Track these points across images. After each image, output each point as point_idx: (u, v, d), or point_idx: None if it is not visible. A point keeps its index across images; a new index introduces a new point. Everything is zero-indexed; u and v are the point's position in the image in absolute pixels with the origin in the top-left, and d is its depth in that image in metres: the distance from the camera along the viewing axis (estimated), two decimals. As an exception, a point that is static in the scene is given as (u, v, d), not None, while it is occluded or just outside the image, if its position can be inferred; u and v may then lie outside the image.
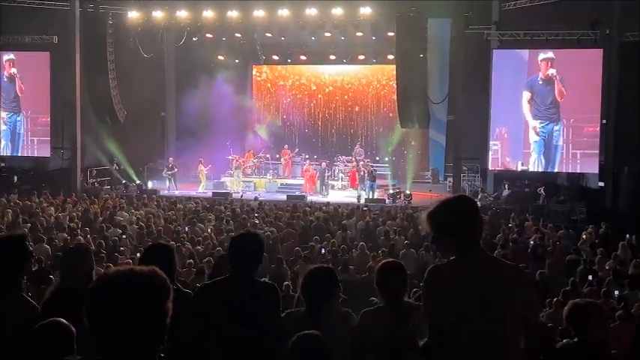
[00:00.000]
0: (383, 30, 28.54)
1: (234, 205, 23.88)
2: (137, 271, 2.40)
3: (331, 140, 35.62)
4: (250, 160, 31.62)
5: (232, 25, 28.85)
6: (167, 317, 2.39)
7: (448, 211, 3.82)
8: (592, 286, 13.25)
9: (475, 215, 3.84)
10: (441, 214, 3.82)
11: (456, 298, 3.63)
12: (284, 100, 36.31)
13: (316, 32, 29.00)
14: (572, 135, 26.51)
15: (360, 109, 35.43)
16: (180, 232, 18.83)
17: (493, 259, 3.94)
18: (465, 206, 3.86)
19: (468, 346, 3.59)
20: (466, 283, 3.65)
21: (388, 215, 21.86)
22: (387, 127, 34.28)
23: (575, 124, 26.45)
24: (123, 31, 29.06)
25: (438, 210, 3.83)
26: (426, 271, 3.80)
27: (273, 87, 36.58)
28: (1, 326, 4.22)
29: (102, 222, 19.93)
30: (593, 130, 26.31)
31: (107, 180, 30.81)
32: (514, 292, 3.68)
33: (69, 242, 16.58)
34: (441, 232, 3.83)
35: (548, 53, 26.40)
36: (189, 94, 32.24)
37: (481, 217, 3.91)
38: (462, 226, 3.76)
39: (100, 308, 2.32)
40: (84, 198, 25.08)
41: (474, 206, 3.94)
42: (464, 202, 3.92)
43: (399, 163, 32.57)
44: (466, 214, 3.80)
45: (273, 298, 4.93)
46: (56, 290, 5.08)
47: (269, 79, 36.69)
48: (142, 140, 31.71)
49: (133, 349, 2.34)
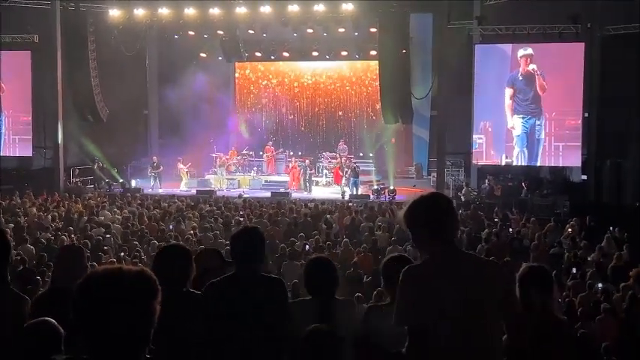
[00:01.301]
0: (365, 26, 28.59)
1: (218, 202, 23.87)
2: (125, 270, 2.40)
3: (315, 137, 35.57)
4: (234, 157, 31.56)
5: (214, 22, 28.77)
6: (155, 317, 2.39)
7: (421, 207, 3.81)
8: (576, 279, 13.34)
9: (449, 212, 3.82)
10: (414, 210, 3.81)
11: (434, 296, 3.60)
12: (267, 97, 36.21)
13: (298, 29, 28.98)
14: (554, 128, 26.64)
15: (343, 106, 35.39)
16: (165, 230, 18.79)
17: (470, 256, 3.94)
18: (438, 203, 3.85)
19: (449, 345, 3.57)
20: (444, 280, 3.62)
21: (372, 211, 21.89)
22: (370, 123, 34.29)
23: (557, 118, 26.58)
24: (104, 30, 28.93)
25: (412, 206, 3.83)
26: (401, 273, 3.76)
27: (256, 84, 36.47)
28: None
29: (86, 222, 19.87)
30: (575, 123, 26.46)
31: (90, 179, 30.66)
32: (493, 288, 3.68)
33: (52, 242, 16.52)
34: (415, 228, 3.83)
35: (528, 49, 26.49)
36: (171, 92, 32.13)
37: (456, 215, 3.91)
38: (434, 222, 3.74)
39: (88, 307, 2.32)
40: (67, 197, 24.98)
41: (449, 204, 3.93)
42: (438, 198, 3.93)
43: (383, 158, 32.59)
44: (439, 211, 3.78)
45: (283, 292, 4.91)
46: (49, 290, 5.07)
47: (252, 75, 36.56)
48: (125, 139, 31.60)
49: (121, 349, 2.34)
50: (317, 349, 3.77)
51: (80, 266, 5.16)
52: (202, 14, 28.02)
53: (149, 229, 18.96)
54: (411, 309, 3.64)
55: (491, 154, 27.47)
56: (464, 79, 27.33)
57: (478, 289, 3.62)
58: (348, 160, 29.84)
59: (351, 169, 28.07)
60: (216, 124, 32.42)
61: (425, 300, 3.62)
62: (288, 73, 36.02)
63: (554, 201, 24.81)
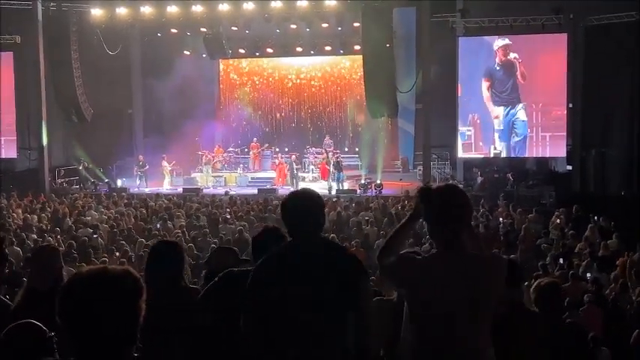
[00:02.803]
0: (349, 21, 28.59)
1: (205, 200, 23.83)
2: (109, 270, 2.40)
3: (301, 132, 35.55)
4: (220, 154, 31.52)
5: (197, 20, 28.71)
6: (140, 316, 2.38)
7: (436, 198, 3.78)
8: (563, 269, 13.39)
9: (461, 206, 3.79)
10: (436, 201, 3.78)
11: (438, 286, 3.62)
12: (252, 93, 36.15)
13: (282, 24, 28.95)
14: (539, 119, 26.75)
15: (328, 100, 35.40)
16: (152, 229, 18.75)
17: (474, 254, 3.88)
18: (458, 197, 3.82)
19: (439, 342, 3.59)
20: (450, 274, 3.63)
21: (359, 206, 21.90)
22: (356, 117, 34.33)
23: (541, 109, 26.69)
24: (87, 29, 28.79)
25: (435, 196, 3.80)
26: (402, 255, 3.83)
27: (240, 80, 36.42)
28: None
29: (72, 222, 19.80)
30: (560, 113, 26.57)
31: (75, 180, 30.53)
32: (495, 281, 3.69)
33: (39, 244, 16.44)
34: (433, 220, 3.82)
35: (505, 40, 26.57)
36: (155, 90, 32.04)
37: (469, 211, 3.89)
38: (453, 218, 3.72)
39: (73, 308, 2.32)
40: (53, 198, 24.87)
41: (466, 199, 3.87)
42: (457, 193, 3.89)
43: (369, 153, 32.62)
44: (458, 206, 3.76)
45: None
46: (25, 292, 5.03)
47: (236, 72, 36.52)
48: (110, 138, 31.46)
49: (107, 349, 2.34)
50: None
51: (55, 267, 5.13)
52: (185, 12, 27.94)
53: (136, 228, 18.91)
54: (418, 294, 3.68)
55: (480, 145, 27.56)
56: (448, 72, 27.40)
57: (482, 283, 3.63)
58: (335, 155, 29.84)
59: (334, 163, 28.03)
60: (201, 122, 32.34)
61: (427, 288, 3.64)
62: (272, 69, 36.00)
63: (539, 192, 24.93)
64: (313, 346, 3.68)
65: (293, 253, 3.88)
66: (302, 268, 3.76)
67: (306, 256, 3.79)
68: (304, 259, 3.79)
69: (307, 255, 3.80)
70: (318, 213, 3.96)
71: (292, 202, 4.04)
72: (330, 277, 3.72)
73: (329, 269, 3.75)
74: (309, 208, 3.94)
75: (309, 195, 4.09)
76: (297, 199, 4.05)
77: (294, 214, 3.95)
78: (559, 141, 26.68)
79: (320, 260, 3.79)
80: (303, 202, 3.98)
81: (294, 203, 4.02)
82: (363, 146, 32.95)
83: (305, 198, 4.05)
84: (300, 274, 3.74)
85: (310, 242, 3.85)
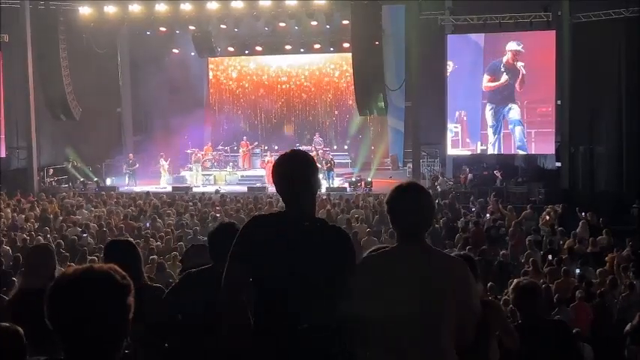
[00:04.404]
0: (338, 19, 28.58)
1: (195, 199, 23.82)
2: (95, 269, 2.40)
3: (290, 130, 35.55)
4: (209, 153, 31.48)
5: (186, 18, 28.63)
6: (129, 313, 2.39)
7: (395, 197, 3.72)
8: (552, 266, 13.45)
9: (421, 206, 3.69)
10: (389, 201, 3.74)
11: (391, 287, 3.56)
12: (241, 92, 36.13)
13: (271, 23, 28.92)
14: (527, 116, 26.83)
15: (318, 99, 35.43)
16: (142, 228, 18.72)
17: (433, 250, 3.80)
18: (411, 195, 3.71)
19: (400, 335, 3.51)
20: (404, 271, 3.57)
21: (348, 203, 21.93)
22: (345, 115, 34.37)
23: (530, 106, 26.76)
24: (75, 28, 28.66)
25: (389, 196, 3.75)
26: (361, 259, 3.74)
27: (229, 79, 36.39)
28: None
29: (61, 221, 19.75)
30: (549, 110, 26.66)
31: (65, 179, 30.44)
32: (453, 282, 3.55)
33: (28, 243, 16.40)
34: (390, 218, 3.76)
35: (520, 46, 26.57)
36: (144, 89, 31.98)
37: (430, 208, 3.76)
38: (405, 213, 3.66)
39: (60, 308, 2.32)
40: (42, 198, 24.79)
41: (422, 196, 3.75)
42: (412, 190, 3.76)
43: (359, 150, 32.68)
44: (411, 203, 3.67)
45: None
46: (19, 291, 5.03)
47: (225, 70, 36.49)
48: (99, 137, 31.32)
49: (95, 347, 2.34)
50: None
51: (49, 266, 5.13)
52: (173, 10, 27.87)
53: (125, 227, 18.87)
54: (366, 298, 3.58)
55: (467, 141, 27.63)
56: (437, 69, 27.43)
57: (438, 281, 3.53)
58: (324, 152, 29.85)
59: (325, 161, 28.04)
60: (190, 121, 32.29)
61: (381, 290, 3.58)
62: (261, 67, 35.99)
63: (529, 188, 25.03)
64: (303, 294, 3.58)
65: (285, 212, 3.81)
66: (294, 223, 3.70)
67: (298, 214, 3.72)
68: (296, 216, 3.72)
69: (299, 214, 3.72)
70: (309, 174, 3.76)
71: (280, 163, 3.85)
72: (321, 237, 3.68)
73: (320, 229, 3.73)
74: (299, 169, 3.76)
75: (298, 156, 3.88)
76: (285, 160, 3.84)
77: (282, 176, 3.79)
78: (548, 138, 26.78)
79: (311, 221, 3.75)
80: (292, 164, 3.79)
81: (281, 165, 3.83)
82: (353, 144, 32.98)
83: (293, 159, 3.83)
84: (291, 229, 3.67)
85: (300, 205, 3.74)
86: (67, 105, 28.78)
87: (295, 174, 3.72)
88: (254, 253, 3.63)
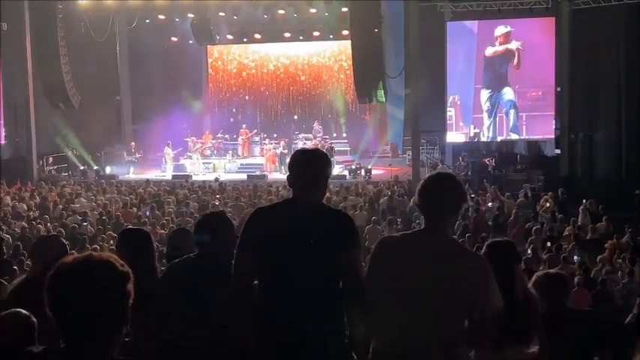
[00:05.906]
0: (337, 6, 28.49)
1: (194, 187, 23.83)
2: (95, 257, 2.41)
3: (289, 118, 35.49)
4: (209, 141, 31.44)
5: (184, 6, 28.57)
6: (128, 301, 2.40)
7: (423, 186, 3.85)
8: (551, 253, 13.48)
9: (442, 193, 3.77)
10: (420, 186, 3.87)
11: (402, 269, 3.63)
12: (240, 79, 36.05)
13: (270, 10, 28.85)
14: (526, 102, 26.83)
15: (317, 86, 35.34)
16: (142, 216, 18.74)
17: (451, 241, 3.88)
18: (435, 183, 3.85)
19: (397, 324, 3.58)
20: (419, 254, 3.65)
21: (348, 191, 21.94)
22: (344, 103, 34.30)
23: (521, 90, 26.79)
24: (73, 16, 28.56)
25: (421, 185, 3.88)
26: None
27: (228, 66, 36.30)
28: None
29: (61, 210, 19.76)
30: (540, 95, 26.70)
31: (64, 167, 30.44)
32: (462, 276, 3.56)
33: (27, 231, 16.43)
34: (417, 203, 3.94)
35: (508, 27, 26.57)
36: (143, 77, 31.91)
37: (451, 198, 3.80)
38: (427, 200, 3.79)
39: (60, 297, 2.33)
40: (41, 186, 24.79)
41: (446, 184, 3.84)
42: (439, 178, 3.93)
43: (359, 138, 32.65)
44: (435, 190, 3.80)
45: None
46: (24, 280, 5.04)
47: (224, 58, 36.40)
48: (98, 125, 31.23)
49: (95, 335, 2.36)
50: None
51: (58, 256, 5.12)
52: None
53: (125, 215, 18.88)
54: (378, 276, 3.71)
55: (460, 125, 27.68)
56: (436, 57, 27.37)
57: (449, 273, 3.56)
58: (324, 140, 29.82)
59: (326, 149, 28.02)
60: (189, 108, 32.25)
61: (391, 270, 3.68)
62: (260, 55, 35.86)
63: (528, 175, 25.02)
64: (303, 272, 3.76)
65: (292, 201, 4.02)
66: (299, 209, 3.90)
67: (306, 203, 3.91)
68: (304, 204, 3.91)
69: (307, 202, 3.91)
70: (320, 167, 4.01)
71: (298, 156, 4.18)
72: (324, 221, 3.87)
73: (324, 216, 3.91)
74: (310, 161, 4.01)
75: (314, 151, 4.25)
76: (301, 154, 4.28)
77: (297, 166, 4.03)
78: (547, 124, 26.80)
79: (317, 208, 3.94)
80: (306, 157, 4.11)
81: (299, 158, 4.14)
82: (352, 132, 32.95)
83: (309, 153, 4.25)
84: (297, 214, 3.87)
85: (308, 194, 3.93)
86: (66, 93, 28.69)
87: (317, 169, 3.97)
88: (263, 240, 3.79)
